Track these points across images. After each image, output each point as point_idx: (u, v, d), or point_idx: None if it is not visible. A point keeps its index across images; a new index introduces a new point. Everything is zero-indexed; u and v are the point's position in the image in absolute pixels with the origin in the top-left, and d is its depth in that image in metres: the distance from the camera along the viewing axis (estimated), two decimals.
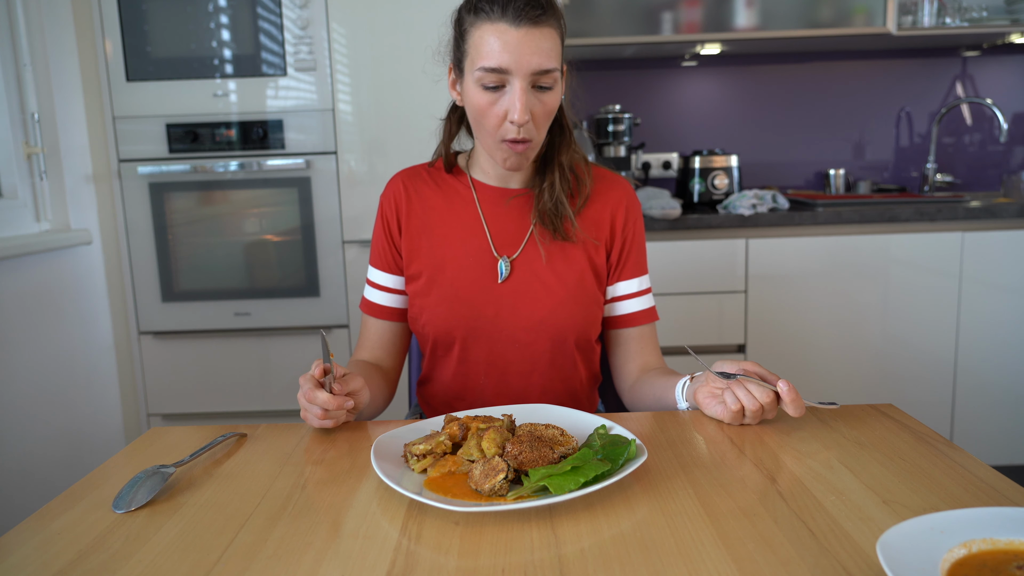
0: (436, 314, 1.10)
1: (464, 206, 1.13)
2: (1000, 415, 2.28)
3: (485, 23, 0.97)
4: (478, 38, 0.98)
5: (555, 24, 0.99)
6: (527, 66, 0.96)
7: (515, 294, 1.10)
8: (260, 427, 0.98)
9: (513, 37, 0.95)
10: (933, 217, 2.18)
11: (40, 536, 0.69)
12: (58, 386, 1.89)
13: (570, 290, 1.10)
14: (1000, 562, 0.55)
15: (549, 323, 1.09)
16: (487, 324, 1.10)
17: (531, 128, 1.00)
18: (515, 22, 0.95)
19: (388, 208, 1.15)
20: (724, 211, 2.28)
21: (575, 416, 0.90)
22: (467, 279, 1.10)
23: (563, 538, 0.65)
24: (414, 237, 1.13)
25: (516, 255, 1.11)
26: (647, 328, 1.18)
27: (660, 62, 2.76)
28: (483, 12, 0.97)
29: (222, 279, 2.14)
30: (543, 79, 0.98)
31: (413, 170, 1.18)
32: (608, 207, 1.14)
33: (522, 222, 1.12)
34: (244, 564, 0.63)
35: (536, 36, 0.96)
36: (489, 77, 0.97)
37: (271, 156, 2.09)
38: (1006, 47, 2.72)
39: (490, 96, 0.99)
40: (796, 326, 2.24)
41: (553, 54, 0.98)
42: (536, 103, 0.99)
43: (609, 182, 1.16)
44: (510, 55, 0.96)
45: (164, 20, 2.04)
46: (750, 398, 0.88)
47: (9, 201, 1.85)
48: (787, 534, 0.65)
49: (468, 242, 1.11)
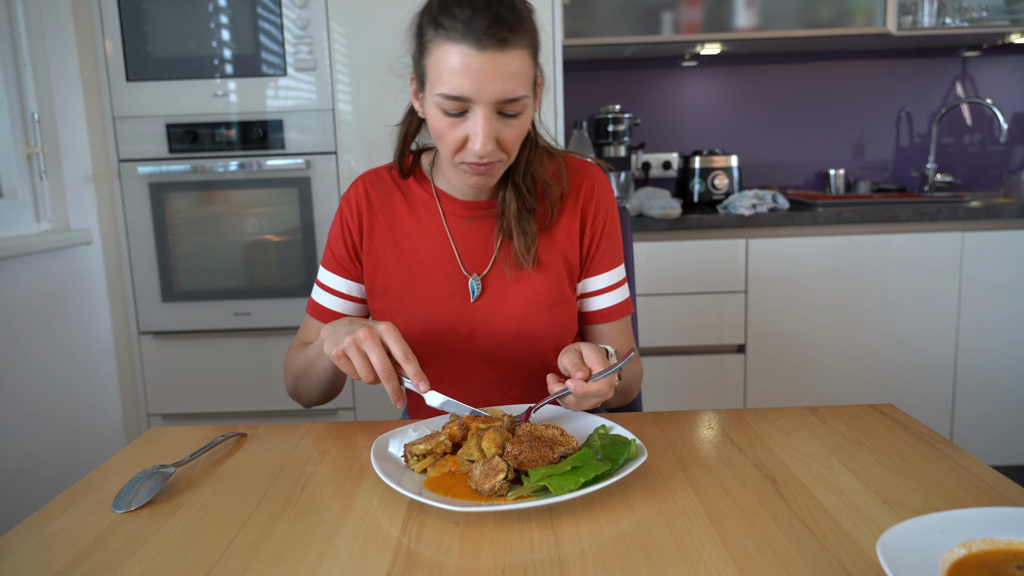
0: (408, 334, 1.06)
1: (430, 219, 1.08)
2: (1000, 415, 2.28)
3: (445, 43, 0.87)
4: (438, 58, 0.88)
5: (525, 43, 0.89)
6: (490, 95, 0.87)
7: (488, 310, 1.05)
8: (260, 427, 0.98)
9: (476, 62, 0.85)
10: (933, 217, 2.18)
11: (40, 536, 0.69)
12: (58, 386, 1.89)
13: (543, 299, 1.05)
14: (1000, 562, 0.55)
15: (524, 335, 1.05)
16: (461, 343, 1.06)
17: (497, 152, 0.92)
18: (478, 45, 0.85)
19: (349, 214, 1.09)
20: (724, 211, 2.28)
21: (575, 416, 0.90)
22: (438, 299, 1.05)
23: (563, 538, 0.65)
24: (377, 249, 1.08)
25: (486, 272, 1.06)
26: (620, 322, 1.13)
27: (660, 62, 2.76)
28: (443, 29, 0.87)
29: (222, 279, 2.14)
30: (511, 107, 0.89)
31: (377, 175, 1.12)
32: (579, 200, 1.08)
33: (488, 237, 1.06)
34: (244, 564, 0.63)
35: (501, 61, 0.86)
36: (449, 104, 0.88)
37: (271, 156, 2.09)
38: (1006, 47, 2.72)
39: (451, 120, 0.90)
40: (796, 326, 2.24)
41: (521, 79, 0.88)
42: (503, 128, 0.91)
43: (579, 172, 1.09)
44: (472, 82, 0.86)
45: (164, 20, 2.04)
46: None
47: (9, 201, 1.85)
48: (787, 534, 0.65)
49: (437, 258, 1.06)
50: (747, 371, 2.26)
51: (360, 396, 2.18)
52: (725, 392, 2.28)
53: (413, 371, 0.85)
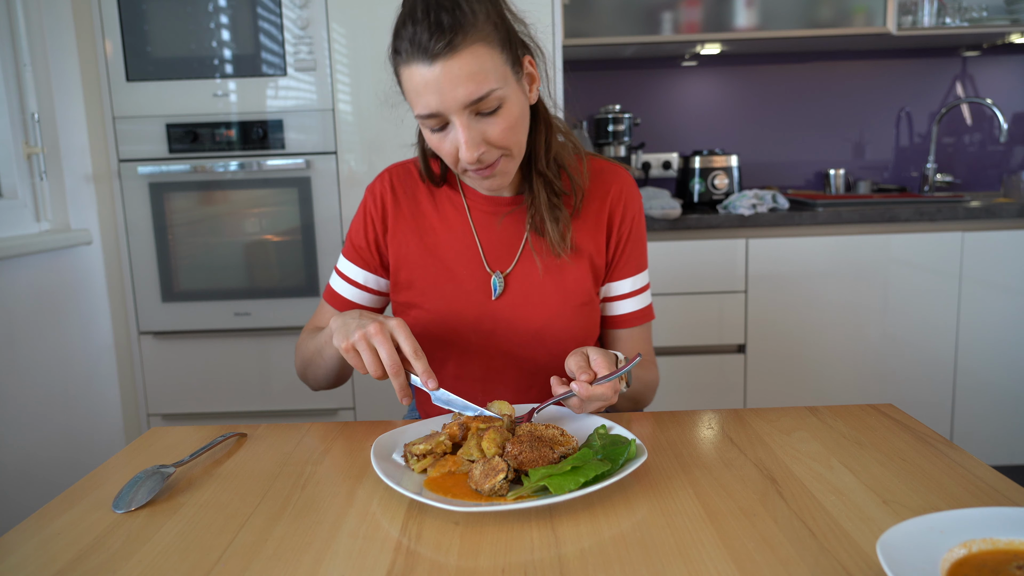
0: (428, 330, 1.07)
1: (455, 214, 1.08)
2: (1000, 415, 2.28)
3: (404, 66, 0.89)
4: (406, 81, 0.90)
5: (476, 39, 0.87)
6: (456, 102, 0.87)
7: (510, 309, 1.05)
8: (260, 427, 0.98)
9: (432, 75, 0.86)
10: (933, 217, 2.18)
11: (40, 536, 0.69)
12: (58, 386, 1.89)
13: (567, 300, 1.06)
14: (1000, 562, 0.55)
15: (546, 335, 1.05)
16: (482, 340, 1.06)
17: (493, 152, 0.93)
18: (427, 58, 0.86)
19: (374, 206, 1.10)
20: (724, 211, 2.28)
21: (575, 416, 0.90)
22: (461, 295, 1.06)
23: (563, 538, 0.65)
24: (402, 243, 1.08)
25: (509, 270, 1.06)
26: (640, 328, 1.14)
27: (660, 62, 2.76)
28: (399, 54, 0.89)
29: (222, 279, 2.14)
30: (484, 105, 0.89)
31: (404, 168, 1.12)
32: (606, 203, 1.08)
33: (515, 232, 1.07)
34: (244, 564, 0.63)
35: (455, 66, 0.85)
36: (427, 122, 0.91)
37: (271, 156, 2.09)
38: (1006, 47, 2.72)
39: (438, 136, 0.92)
40: (796, 326, 2.24)
41: (482, 76, 0.87)
42: (486, 128, 0.91)
43: (608, 175, 1.10)
44: (434, 96, 0.87)
45: (164, 20, 2.04)
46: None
47: (9, 201, 1.85)
48: (787, 534, 0.65)
49: (461, 254, 1.06)
50: (747, 371, 2.27)
51: (360, 396, 2.18)
52: (725, 392, 2.28)
53: (422, 368, 0.86)
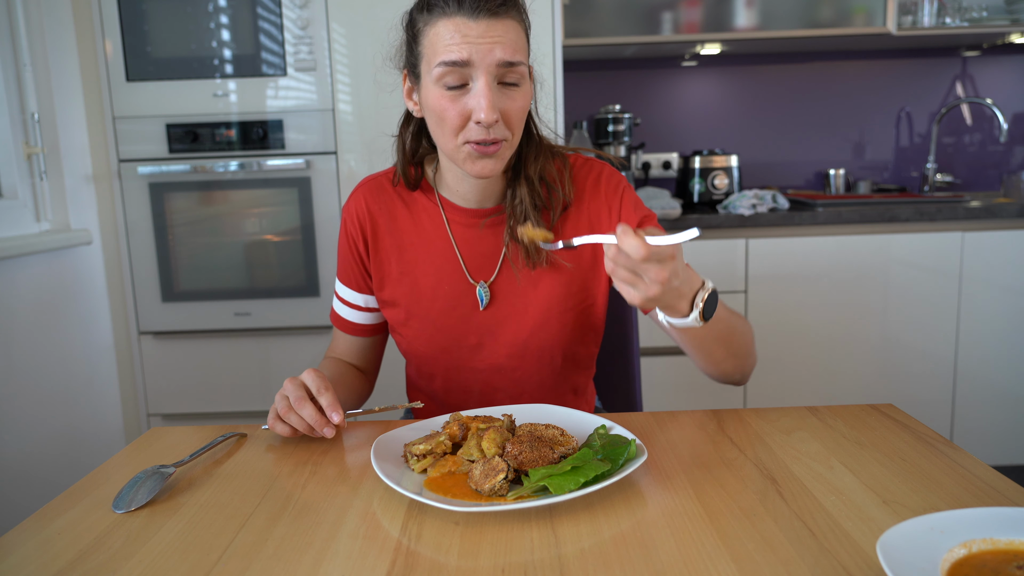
0: (415, 347, 1.06)
1: (434, 227, 1.05)
2: (1000, 415, 2.28)
3: (440, 19, 0.89)
4: (434, 36, 0.90)
5: (517, 17, 0.92)
6: (490, 57, 0.88)
7: (497, 319, 1.04)
8: (260, 427, 0.98)
9: (472, 30, 0.88)
10: (933, 217, 2.18)
11: (40, 536, 0.69)
12: (58, 386, 1.89)
13: (554, 306, 1.03)
14: (1000, 562, 0.55)
15: (533, 344, 1.04)
16: (469, 353, 1.05)
17: (502, 128, 0.91)
18: (473, 14, 0.88)
19: (352, 226, 1.07)
20: (724, 211, 2.28)
21: (575, 416, 0.90)
22: (445, 309, 1.04)
23: (563, 538, 0.65)
24: (383, 261, 1.07)
25: (493, 279, 1.04)
26: None
27: (660, 62, 2.76)
28: (437, 8, 0.90)
29: (222, 279, 2.14)
30: (510, 73, 0.90)
31: (376, 183, 1.09)
32: (583, 199, 1.04)
33: (496, 243, 1.04)
34: (244, 564, 0.63)
35: (498, 27, 0.88)
36: (450, 74, 0.89)
37: (271, 156, 2.09)
38: (1006, 47, 2.72)
39: (452, 95, 0.90)
40: (796, 326, 2.24)
41: (518, 46, 0.90)
42: (505, 100, 0.91)
43: (596, 173, 1.06)
44: (471, 47, 0.88)
45: (164, 20, 2.04)
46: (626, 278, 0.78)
47: (9, 201, 1.85)
48: (787, 534, 0.65)
49: (441, 268, 1.04)
50: None
51: None
52: (725, 392, 2.28)
53: (326, 403, 0.89)
